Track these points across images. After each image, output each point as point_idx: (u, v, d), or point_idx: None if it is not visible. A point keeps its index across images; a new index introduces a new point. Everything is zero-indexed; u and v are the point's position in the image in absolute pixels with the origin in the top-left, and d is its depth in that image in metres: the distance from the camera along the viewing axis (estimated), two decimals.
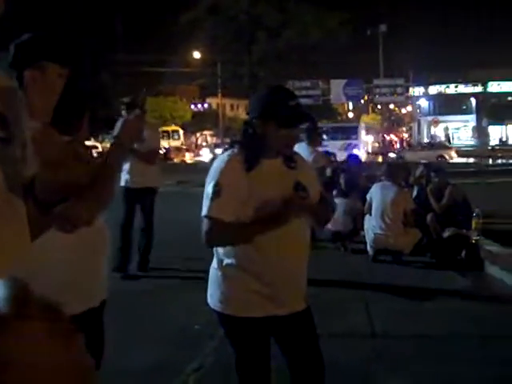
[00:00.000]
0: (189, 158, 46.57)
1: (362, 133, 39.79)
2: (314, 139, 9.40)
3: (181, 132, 53.75)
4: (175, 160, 43.30)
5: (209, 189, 2.70)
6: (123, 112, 7.01)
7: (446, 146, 45.58)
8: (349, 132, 37.45)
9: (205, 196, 2.72)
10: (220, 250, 2.81)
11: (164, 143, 48.68)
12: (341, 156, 34.93)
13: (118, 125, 2.33)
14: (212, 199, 2.67)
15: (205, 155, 46.21)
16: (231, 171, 2.72)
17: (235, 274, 2.77)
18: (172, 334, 5.44)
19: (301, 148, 8.71)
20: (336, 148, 31.33)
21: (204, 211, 2.69)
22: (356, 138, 37.65)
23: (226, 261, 2.78)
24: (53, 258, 2.25)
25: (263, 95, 2.86)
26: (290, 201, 2.67)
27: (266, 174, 2.74)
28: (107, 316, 2.61)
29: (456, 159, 39.30)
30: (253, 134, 2.76)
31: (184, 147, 50.92)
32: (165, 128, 51.49)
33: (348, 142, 36.02)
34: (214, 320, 2.92)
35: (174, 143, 50.45)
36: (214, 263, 2.87)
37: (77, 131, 1.79)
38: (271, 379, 2.92)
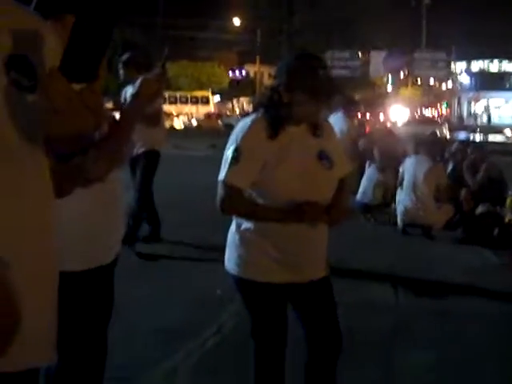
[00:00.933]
0: (178, 124, 43.60)
1: None
2: (349, 110, 9.28)
3: (211, 97, 53.14)
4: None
5: (228, 153, 2.61)
6: (121, 71, 6.71)
7: (437, 122, 44.59)
8: None
9: (224, 160, 2.64)
10: None
11: (192, 109, 48.13)
12: None
13: (137, 83, 2.28)
14: (231, 164, 2.58)
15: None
16: (253, 136, 2.62)
17: (253, 239, 2.69)
18: (193, 297, 5.41)
19: (336, 118, 8.61)
20: None
21: (221, 176, 2.61)
22: None
23: (245, 225, 2.71)
24: (68, 212, 2.22)
25: (292, 62, 2.70)
26: (311, 206, 2.59)
27: (289, 141, 2.65)
28: (126, 278, 2.59)
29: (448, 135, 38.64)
30: (278, 101, 2.64)
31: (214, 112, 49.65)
32: (193, 93, 51.06)
33: None
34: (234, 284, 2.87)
35: (204, 109, 49.70)
36: (233, 226, 2.79)
37: (91, 80, 1.72)
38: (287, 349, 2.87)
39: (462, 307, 5.47)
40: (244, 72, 66.19)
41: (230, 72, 63.41)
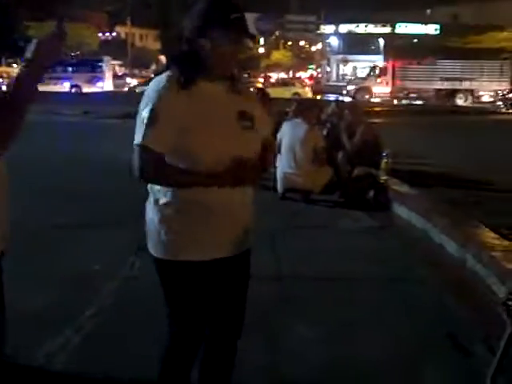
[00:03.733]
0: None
1: (107, 67, 44.27)
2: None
3: None
4: None
5: (144, 113, 2.34)
6: None
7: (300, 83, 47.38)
8: (94, 66, 42.58)
9: (139, 122, 2.37)
10: (156, 187, 2.49)
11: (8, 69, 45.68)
12: (87, 88, 40.01)
13: (31, 47, 2.12)
14: (147, 125, 2.32)
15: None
16: (169, 95, 2.37)
17: (173, 215, 2.47)
18: (70, 274, 5.11)
19: None
20: (81, 80, 40.92)
21: (138, 139, 2.34)
22: (100, 72, 42.75)
23: (163, 200, 2.47)
24: None
25: (204, 8, 2.45)
26: (242, 165, 2.39)
27: (207, 99, 2.42)
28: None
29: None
30: (190, 51, 2.42)
31: None
32: None
33: (93, 75, 41.71)
34: (115, 261, 2.63)
35: None
36: (150, 202, 2.55)
37: None
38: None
39: (341, 271, 5.51)
40: (114, 34, 64.25)
41: (100, 34, 61.29)
